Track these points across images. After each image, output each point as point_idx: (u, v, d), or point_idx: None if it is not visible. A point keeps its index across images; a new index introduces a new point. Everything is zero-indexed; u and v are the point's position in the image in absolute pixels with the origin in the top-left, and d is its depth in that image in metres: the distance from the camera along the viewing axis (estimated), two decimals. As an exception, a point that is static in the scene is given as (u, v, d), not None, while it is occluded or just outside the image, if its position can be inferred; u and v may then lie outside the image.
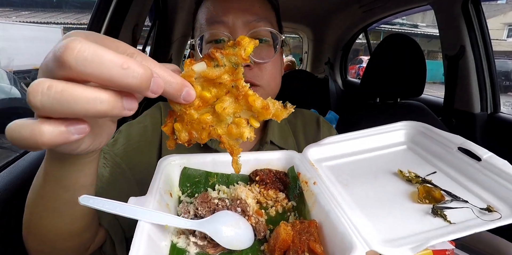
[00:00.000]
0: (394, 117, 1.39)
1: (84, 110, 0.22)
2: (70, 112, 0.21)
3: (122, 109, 0.23)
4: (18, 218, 0.47)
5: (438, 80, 9.72)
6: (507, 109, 5.79)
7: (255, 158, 0.51)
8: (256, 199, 0.47)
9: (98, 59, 0.21)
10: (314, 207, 0.42)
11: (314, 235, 0.35)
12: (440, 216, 0.39)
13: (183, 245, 0.38)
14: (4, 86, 2.15)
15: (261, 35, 0.63)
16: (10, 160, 0.73)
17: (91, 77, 0.21)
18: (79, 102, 0.21)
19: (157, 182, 0.42)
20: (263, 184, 0.48)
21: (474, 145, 0.46)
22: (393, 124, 0.58)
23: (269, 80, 0.64)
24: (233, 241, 0.38)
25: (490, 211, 0.38)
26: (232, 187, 0.48)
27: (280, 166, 0.52)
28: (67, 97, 0.21)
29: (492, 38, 1.51)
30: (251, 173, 0.51)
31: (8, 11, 11.15)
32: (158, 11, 1.89)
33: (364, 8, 2.05)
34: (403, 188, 0.46)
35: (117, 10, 1.05)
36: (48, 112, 0.22)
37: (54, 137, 0.22)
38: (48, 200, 0.41)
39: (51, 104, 0.21)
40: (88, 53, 0.20)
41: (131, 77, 0.22)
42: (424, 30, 14.78)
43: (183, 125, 0.30)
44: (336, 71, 2.96)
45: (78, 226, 0.45)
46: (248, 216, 0.41)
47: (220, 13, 0.61)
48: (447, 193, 0.43)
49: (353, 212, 0.39)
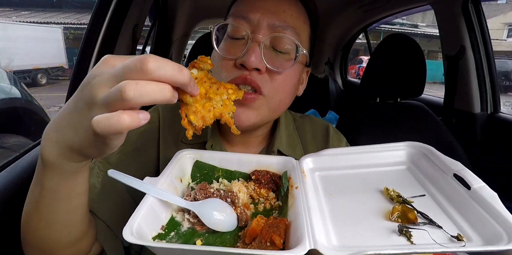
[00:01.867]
0: (394, 117, 1.39)
1: (156, 98, 0.31)
2: (149, 100, 0.30)
3: (174, 99, 0.33)
4: (18, 218, 0.47)
5: (438, 80, 9.73)
6: (507, 109, 5.79)
7: (257, 160, 0.57)
8: (250, 195, 0.54)
9: (166, 67, 0.31)
10: (291, 208, 0.46)
11: (280, 230, 0.41)
12: (405, 235, 0.40)
13: (179, 219, 0.47)
14: (4, 86, 2.15)
15: (281, 43, 0.58)
16: (10, 160, 0.73)
17: (163, 78, 0.31)
18: (155, 93, 0.31)
19: (170, 168, 0.51)
20: (258, 182, 0.55)
21: (470, 173, 0.46)
22: (397, 143, 0.58)
23: (275, 92, 0.59)
24: (217, 223, 0.45)
25: (459, 239, 0.38)
26: (233, 181, 0.55)
27: (277, 169, 0.57)
28: (148, 90, 0.30)
29: (492, 38, 1.51)
30: (251, 172, 0.57)
31: (8, 11, 11.16)
32: (158, 11, 1.90)
33: (364, 8, 2.05)
34: (382, 206, 0.47)
35: (117, 10, 1.05)
36: (134, 103, 0.30)
37: (132, 122, 0.30)
38: (43, 211, 0.43)
39: (138, 96, 0.29)
40: (161, 63, 0.31)
41: (185, 77, 0.33)
42: (424, 30, 14.79)
43: (195, 115, 0.42)
44: (336, 71, 2.96)
45: (75, 234, 0.47)
46: (235, 207, 0.48)
47: (249, 9, 0.59)
48: (423, 216, 0.43)
49: (322, 220, 0.43)
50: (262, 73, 0.57)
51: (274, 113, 0.63)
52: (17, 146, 1.74)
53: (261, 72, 0.57)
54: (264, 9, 0.58)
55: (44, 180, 0.40)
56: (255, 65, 0.55)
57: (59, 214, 0.43)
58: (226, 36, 0.61)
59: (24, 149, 0.80)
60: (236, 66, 0.57)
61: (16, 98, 2.11)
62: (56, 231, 0.45)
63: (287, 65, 0.59)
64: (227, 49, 0.59)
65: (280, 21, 0.58)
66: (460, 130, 1.48)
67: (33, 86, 8.46)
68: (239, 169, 0.57)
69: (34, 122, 2.06)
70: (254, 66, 0.55)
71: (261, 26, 0.57)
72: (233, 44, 0.59)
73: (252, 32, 0.57)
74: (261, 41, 0.56)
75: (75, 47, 10.09)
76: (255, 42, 0.56)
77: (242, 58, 0.55)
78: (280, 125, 0.70)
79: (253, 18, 0.57)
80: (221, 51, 0.59)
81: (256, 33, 0.57)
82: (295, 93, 0.65)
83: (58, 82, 9.89)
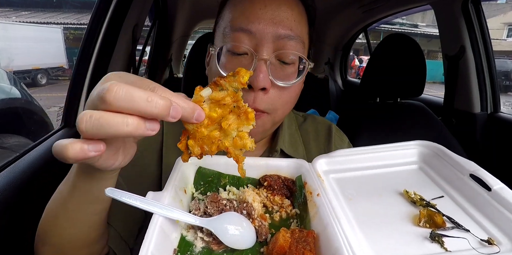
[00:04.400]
0: (394, 117, 1.39)
1: (115, 131, 0.29)
2: (105, 133, 0.29)
3: (145, 130, 0.30)
4: (18, 218, 0.47)
5: (438, 80, 9.72)
6: (507, 109, 5.79)
7: (266, 163, 0.53)
8: (263, 203, 0.49)
9: (129, 96, 0.28)
10: (315, 218, 0.43)
11: (310, 245, 0.37)
12: (438, 242, 0.38)
13: (191, 238, 0.42)
14: (4, 86, 2.15)
15: (287, 56, 0.55)
16: (10, 160, 0.73)
17: (125, 109, 0.29)
18: (112, 125, 0.28)
19: (173, 179, 0.45)
20: (271, 189, 0.50)
21: (487, 173, 0.44)
22: (407, 142, 0.57)
23: (280, 108, 0.57)
24: (235, 240, 0.40)
25: (490, 243, 0.37)
26: (242, 189, 0.50)
27: (288, 173, 0.53)
28: (102, 122, 0.28)
29: (492, 38, 1.51)
30: (260, 177, 0.52)
31: (8, 11, 11.16)
32: (158, 11, 1.89)
33: (364, 8, 2.04)
34: (406, 210, 0.45)
35: (117, 10, 1.05)
36: (90, 135, 0.29)
37: (76, 153, 0.29)
38: (71, 211, 0.44)
39: (91, 128, 0.28)
40: (122, 93, 0.28)
41: (154, 108, 0.29)
42: (424, 30, 14.78)
43: (195, 141, 0.37)
44: (336, 71, 2.96)
45: (94, 236, 0.49)
46: (252, 219, 0.43)
47: (249, 20, 0.54)
48: (449, 219, 0.42)
49: (351, 228, 0.40)
50: (267, 92, 0.54)
51: (278, 124, 0.62)
52: (17, 146, 1.74)
53: (267, 91, 0.54)
54: (266, 20, 0.53)
55: (77, 181, 0.42)
56: (263, 85, 0.52)
57: (85, 215, 0.45)
58: (226, 51, 0.57)
59: (24, 149, 0.80)
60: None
61: (16, 98, 2.10)
62: (77, 231, 0.46)
63: (293, 78, 0.57)
64: (230, 68, 0.55)
65: (285, 30, 0.54)
66: (460, 130, 1.48)
67: (33, 86, 8.44)
68: (247, 174, 0.52)
69: (34, 123, 2.06)
70: (261, 86, 0.52)
71: (265, 40, 0.53)
72: (235, 61, 0.55)
73: (255, 48, 0.54)
74: (267, 59, 0.53)
75: (75, 47, 10.07)
76: (262, 60, 0.53)
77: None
78: (283, 125, 0.69)
79: (255, 31, 0.53)
80: (223, 69, 0.55)
81: (260, 50, 0.53)
82: (295, 100, 0.63)
83: (58, 82, 9.87)
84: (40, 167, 0.75)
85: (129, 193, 0.38)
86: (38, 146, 0.83)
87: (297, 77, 0.58)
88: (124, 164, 0.39)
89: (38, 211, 0.49)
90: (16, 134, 1.83)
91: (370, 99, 1.47)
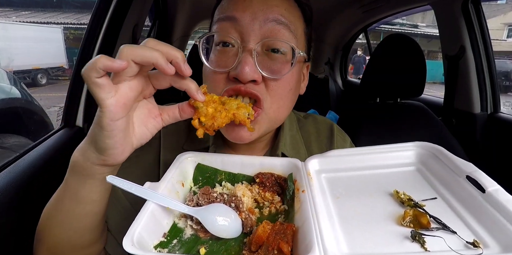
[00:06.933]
0: (394, 117, 1.39)
1: (148, 55, 0.37)
2: (141, 57, 0.37)
3: (166, 64, 0.37)
4: (18, 218, 0.47)
5: (438, 80, 9.72)
6: (507, 109, 5.79)
7: (260, 162, 0.55)
8: (254, 199, 0.52)
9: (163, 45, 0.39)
10: (298, 213, 0.44)
11: (288, 237, 0.39)
12: (418, 242, 0.38)
13: (182, 225, 0.46)
14: (4, 86, 2.15)
15: (277, 45, 0.53)
16: (10, 160, 0.73)
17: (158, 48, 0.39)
18: (147, 52, 0.37)
19: (171, 172, 0.49)
20: (263, 186, 0.53)
21: (484, 175, 0.43)
22: (405, 143, 0.56)
23: (273, 101, 0.54)
24: (220, 230, 0.43)
25: (475, 246, 0.36)
26: (236, 184, 0.53)
27: (282, 171, 0.55)
28: (140, 51, 0.37)
29: (492, 38, 1.51)
30: (255, 175, 0.55)
31: (8, 11, 11.15)
32: (158, 11, 1.90)
33: (364, 8, 2.05)
34: (393, 209, 0.45)
35: (117, 10, 1.05)
36: (124, 56, 0.37)
37: (104, 60, 0.35)
38: (62, 212, 0.46)
39: (131, 53, 0.37)
40: (159, 42, 0.39)
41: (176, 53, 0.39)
42: (424, 30, 14.77)
43: (206, 117, 0.44)
44: (336, 71, 2.96)
45: (88, 239, 0.50)
46: (240, 211, 0.46)
47: (234, 7, 0.52)
48: (437, 221, 0.41)
49: (330, 225, 0.41)
50: (258, 83, 0.52)
51: (276, 122, 0.59)
52: (17, 146, 1.74)
53: (257, 83, 0.52)
54: (252, 7, 0.51)
55: (69, 180, 0.45)
56: (251, 77, 0.50)
57: (75, 216, 0.46)
58: (213, 45, 0.55)
59: (24, 149, 0.80)
60: (230, 79, 0.52)
61: (16, 98, 2.10)
62: (70, 233, 0.48)
63: (284, 70, 0.54)
64: (217, 62, 0.54)
65: (273, 14, 0.52)
66: (460, 130, 1.48)
67: (33, 86, 8.44)
68: (242, 172, 0.55)
69: (34, 123, 2.06)
70: (249, 79, 0.50)
71: (251, 27, 0.51)
72: (222, 54, 0.54)
73: (241, 37, 0.52)
74: (253, 48, 0.51)
75: (75, 47, 10.06)
76: (247, 52, 0.51)
77: (235, 71, 0.50)
78: (284, 127, 0.67)
79: (240, 17, 0.51)
80: (211, 64, 0.54)
81: (246, 40, 0.51)
82: (296, 95, 0.61)
83: (58, 82, 9.87)
84: (40, 167, 0.76)
85: (127, 181, 0.42)
86: (38, 146, 0.83)
87: (288, 70, 0.55)
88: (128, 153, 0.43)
89: (38, 211, 0.49)
90: (16, 133, 1.83)
91: (370, 100, 1.47)
